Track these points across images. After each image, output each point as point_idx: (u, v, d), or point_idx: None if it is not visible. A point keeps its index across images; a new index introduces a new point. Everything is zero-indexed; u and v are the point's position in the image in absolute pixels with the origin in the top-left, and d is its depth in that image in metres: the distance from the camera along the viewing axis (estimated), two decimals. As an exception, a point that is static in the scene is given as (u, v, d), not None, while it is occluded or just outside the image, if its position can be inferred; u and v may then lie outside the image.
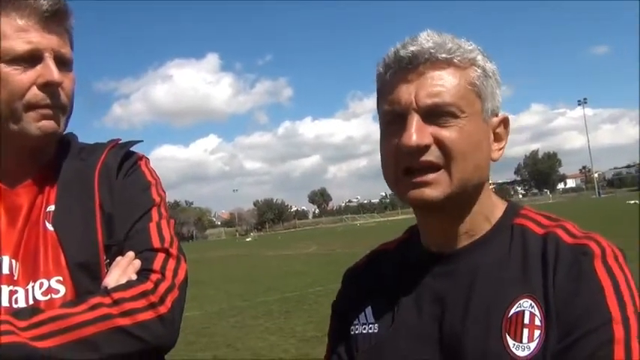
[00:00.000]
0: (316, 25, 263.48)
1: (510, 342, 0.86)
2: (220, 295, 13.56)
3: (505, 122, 1.02)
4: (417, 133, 0.91)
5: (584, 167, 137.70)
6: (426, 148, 0.92)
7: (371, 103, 1.05)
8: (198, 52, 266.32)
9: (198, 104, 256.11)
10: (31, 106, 1.10)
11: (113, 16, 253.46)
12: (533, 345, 0.85)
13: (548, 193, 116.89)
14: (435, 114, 0.92)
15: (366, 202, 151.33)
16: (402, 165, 0.95)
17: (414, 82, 0.93)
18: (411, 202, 0.96)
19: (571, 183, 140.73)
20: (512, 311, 0.89)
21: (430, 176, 0.93)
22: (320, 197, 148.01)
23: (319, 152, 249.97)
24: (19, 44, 1.08)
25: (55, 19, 1.12)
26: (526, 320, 0.87)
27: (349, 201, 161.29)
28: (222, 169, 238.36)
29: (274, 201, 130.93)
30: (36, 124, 1.11)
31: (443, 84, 0.93)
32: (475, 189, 0.98)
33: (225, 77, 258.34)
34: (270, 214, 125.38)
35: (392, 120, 0.96)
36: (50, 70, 1.10)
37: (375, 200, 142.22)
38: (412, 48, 0.94)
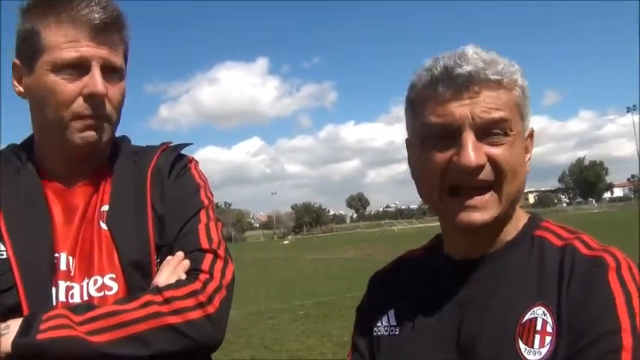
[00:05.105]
0: (363, 30, 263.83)
1: (522, 346, 0.90)
2: (258, 296, 13.67)
3: (532, 134, 1.05)
4: (475, 152, 0.92)
5: (632, 176, 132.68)
6: (482, 168, 0.93)
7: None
8: (249, 56, 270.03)
9: (243, 107, 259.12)
10: (75, 116, 1.13)
11: (172, 22, 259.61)
12: (544, 350, 0.88)
13: (594, 202, 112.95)
14: (489, 130, 0.94)
15: (404, 207, 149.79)
16: (448, 182, 0.95)
17: (469, 99, 0.93)
18: (458, 226, 0.97)
19: (618, 192, 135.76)
20: (525, 317, 0.91)
21: (480, 200, 0.94)
22: (358, 202, 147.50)
23: (360, 156, 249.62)
24: (68, 53, 1.11)
25: (106, 30, 1.14)
26: (538, 327, 0.90)
27: (387, 206, 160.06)
28: (263, 171, 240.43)
29: (312, 205, 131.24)
30: (78, 134, 1.14)
31: (497, 102, 0.94)
32: (514, 206, 1.01)
33: (271, 80, 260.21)
34: (308, 217, 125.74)
35: (439, 134, 0.96)
36: (95, 80, 1.12)
37: (414, 206, 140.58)
38: (467, 67, 0.93)
